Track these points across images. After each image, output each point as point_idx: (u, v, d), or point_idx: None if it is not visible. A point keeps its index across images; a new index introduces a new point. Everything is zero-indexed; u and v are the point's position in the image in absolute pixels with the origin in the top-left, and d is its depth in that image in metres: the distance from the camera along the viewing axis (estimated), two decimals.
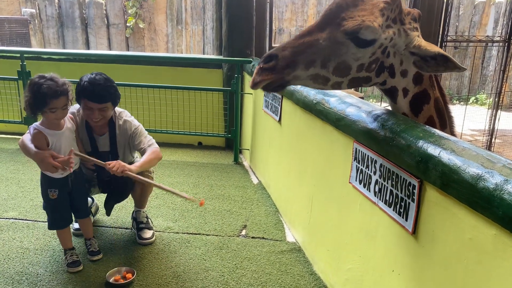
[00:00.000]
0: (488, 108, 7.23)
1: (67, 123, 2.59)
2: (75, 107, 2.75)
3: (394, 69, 1.72)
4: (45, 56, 5.29)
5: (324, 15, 1.63)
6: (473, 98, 10.97)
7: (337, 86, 1.68)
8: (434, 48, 1.62)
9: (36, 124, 2.50)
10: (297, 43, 1.59)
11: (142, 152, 2.78)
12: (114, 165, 2.46)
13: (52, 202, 2.61)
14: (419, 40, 1.67)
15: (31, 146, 2.44)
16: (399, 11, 1.67)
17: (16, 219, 3.24)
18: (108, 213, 2.97)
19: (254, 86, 1.60)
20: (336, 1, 1.62)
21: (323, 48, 1.58)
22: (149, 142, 2.79)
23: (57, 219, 2.67)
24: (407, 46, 1.67)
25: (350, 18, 1.57)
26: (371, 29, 1.55)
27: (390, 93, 1.80)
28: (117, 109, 2.82)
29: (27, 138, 2.49)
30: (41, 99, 2.37)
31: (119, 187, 2.84)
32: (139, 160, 2.74)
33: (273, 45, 5.43)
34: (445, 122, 1.91)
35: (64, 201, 2.63)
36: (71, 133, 2.61)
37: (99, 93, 2.57)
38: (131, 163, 2.98)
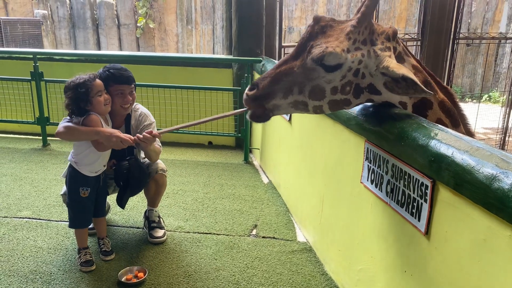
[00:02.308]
0: (502, 106, 7.14)
1: (109, 120, 2.71)
2: None
3: (375, 88, 1.73)
4: (57, 57, 5.36)
5: (298, 44, 1.75)
6: (486, 96, 10.83)
7: (319, 110, 1.78)
8: (401, 70, 1.61)
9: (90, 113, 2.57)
10: (274, 73, 1.74)
11: None
12: (144, 136, 2.49)
13: (81, 200, 2.65)
14: (389, 60, 1.66)
15: (88, 128, 2.52)
16: (370, 32, 1.68)
17: (29, 218, 3.28)
18: (122, 206, 2.96)
19: (244, 101, 1.77)
20: (308, 30, 1.73)
21: (298, 74, 1.71)
22: (158, 142, 2.85)
23: (81, 218, 2.71)
24: (377, 67, 1.67)
25: (317, 46, 1.67)
26: (333, 55, 1.63)
27: (389, 107, 1.81)
28: None
29: (72, 124, 2.55)
30: (83, 86, 2.49)
31: (135, 179, 2.87)
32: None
33: (283, 44, 5.42)
34: (457, 121, 1.89)
35: (92, 200, 2.70)
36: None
37: (127, 74, 2.74)
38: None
